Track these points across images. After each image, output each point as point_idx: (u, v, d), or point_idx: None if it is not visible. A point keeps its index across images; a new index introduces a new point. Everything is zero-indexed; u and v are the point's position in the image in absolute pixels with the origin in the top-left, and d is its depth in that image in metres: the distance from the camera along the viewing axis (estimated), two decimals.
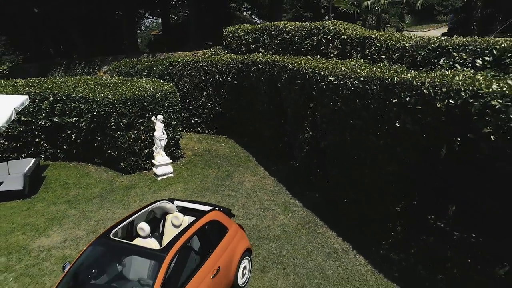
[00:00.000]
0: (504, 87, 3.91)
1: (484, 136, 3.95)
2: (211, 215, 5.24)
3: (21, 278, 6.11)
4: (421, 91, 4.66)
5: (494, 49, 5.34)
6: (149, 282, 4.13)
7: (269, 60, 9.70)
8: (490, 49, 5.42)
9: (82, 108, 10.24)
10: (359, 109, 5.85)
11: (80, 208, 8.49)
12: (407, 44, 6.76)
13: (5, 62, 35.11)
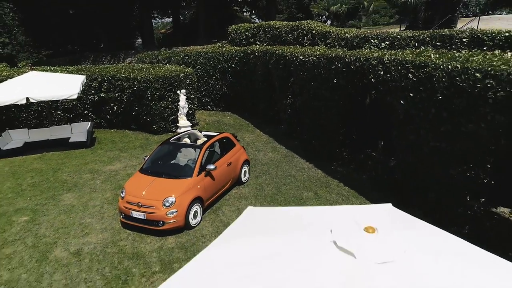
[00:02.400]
0: (387, 57, 7.72)
1: (372, 83, 7.81)
2: (225, 134, 9.17)
3: (105, 182, 9.99)
4: (344, 60, 8.53)
5: (390, 37, 9.24)
6: (195, 160, 7.98)
7: (263, 49, 13.59)
8: (389, 37, 9.31)
9: (124, 85, 14.10)
10: (316, 75, 9.71)
11: (129, 152, 12.36)
12: (348, 35, 10.71)
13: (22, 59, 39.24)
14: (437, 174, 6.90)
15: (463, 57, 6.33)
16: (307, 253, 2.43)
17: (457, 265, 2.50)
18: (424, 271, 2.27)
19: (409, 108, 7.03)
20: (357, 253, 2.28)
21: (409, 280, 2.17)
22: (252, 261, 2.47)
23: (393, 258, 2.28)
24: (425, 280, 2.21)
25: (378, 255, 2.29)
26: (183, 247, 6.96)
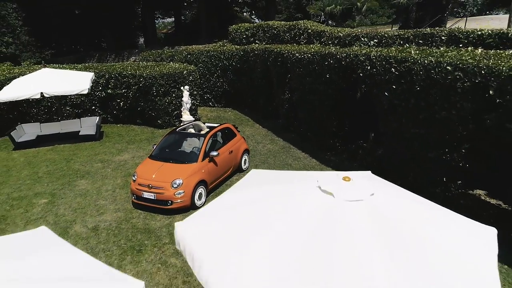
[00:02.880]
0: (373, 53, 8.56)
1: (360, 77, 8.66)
2: (226, 125, 10.02)
3: (115, 170, 10.84)
4: (336, 57, 9.39)
5: (378, 36, 10.09)
6: (199, 147, 8.83)
7: (262, 48, 14.45)
8: (377, 36, 10.17)
9: (131, 82, 14.95)
10: (310, 71, 10.56)
11: (136, 144, 13.21)
12: (341, 34, 11.58)
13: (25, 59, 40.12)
14: (417, 158, 7.75)
15: (438, 52, 7.19)
16: (297, 195, 3.27)
17: (416, 207, 3.34)
18: (386, 208, 3.10)
19: (392, 99, 7.88)
20: (335, 193, 3.11)
21: (372, 213, 3.00)
22: (252, 201, 3.31)
23: (362, 198, 3.11)
24: (385, 214, 3.03)
25: (351, 195, 3.11)
26: None
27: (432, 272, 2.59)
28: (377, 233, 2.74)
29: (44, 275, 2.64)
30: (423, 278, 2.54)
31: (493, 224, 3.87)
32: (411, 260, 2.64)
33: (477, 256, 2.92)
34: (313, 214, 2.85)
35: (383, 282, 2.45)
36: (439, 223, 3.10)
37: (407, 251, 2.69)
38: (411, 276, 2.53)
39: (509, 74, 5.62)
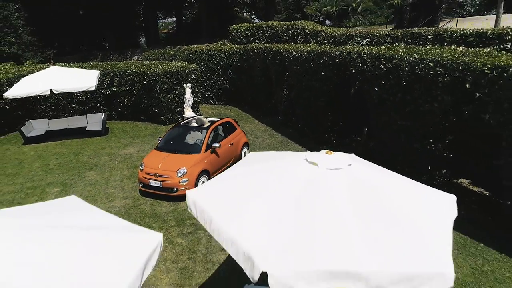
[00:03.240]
0: (364, 51, 9.20)
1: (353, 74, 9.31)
2: (227, 119, 10.68)
3: (122, 162, 11.49)
4: (330, 55, 10.04)
5: (370, 35, 10.75)
6: (202, 139, 9.49)
7: (261, 47, 15.10)
8: (369, 35, 10.83)
9: (135, 80, 15.61)
10: (307, 68, 11.22)
11: (140, 139, 13.87)
12: (336, 34, 12.24)
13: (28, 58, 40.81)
14: (404, 149, 8.40)
15: (423, 50, 7.84)
16: (288, 166, 3.94)
17: (387, 176, 3.99)
18: (360, 175, 3.75)
19: (381, 94, 8.54)
20: (319, 163, 3.77)
21: (348, 178, 3.64)
22: (251, 172, 3.97)
23: (340, 167, 3.77)
24: (360, 179, 3.68)
25: (331, 164, 3.78)
26: None
27: (396, 225, 3.24)
28: (352, 194, 3.39)
29: (77, 223, 3.30)
30: (389, 230, 3.19)
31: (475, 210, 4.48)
32: (380, 216, 3.29)
33: (436, 215, 3.58)
34: (300, 179, 3.51)
35: (356, 232, 3.10)
36: (405, 188, 3.76)
37: (377, 209, 3.34)
38: (380, 229, 3.18)
39: (483, 69, 6.27)
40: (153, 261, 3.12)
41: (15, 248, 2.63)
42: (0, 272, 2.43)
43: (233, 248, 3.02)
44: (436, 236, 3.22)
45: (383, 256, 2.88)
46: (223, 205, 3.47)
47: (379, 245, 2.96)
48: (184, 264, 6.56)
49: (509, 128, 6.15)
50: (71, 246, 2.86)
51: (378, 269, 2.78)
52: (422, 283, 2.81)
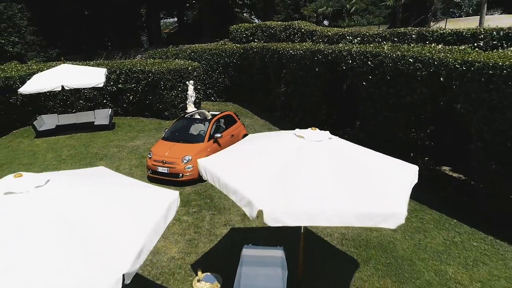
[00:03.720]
0: (354, 49, 10.12)
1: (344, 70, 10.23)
2: (228, 112, 11.60)
3: (130, 153, 12.40)
4: (324, 53, 10.97)
5: (361, 34, 11.68)
6: (205, 130, 10.40)
7: (260, 46, 16.03)
8: (360, 34, 11.76)
9: (140, 77, 16.52)
10: (303, 65, 12.14)
11: (146, 133, 14.78)
12: (330, 33, 13.17)
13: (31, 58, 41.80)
14: (389, 138, 9.31)
15: (405, 48, 8.77)
16: (281, 139, 4.85)
17: (360, 148, 4.90)
18: (338, 146, 4.65)
19: (368, 88, 9.45)
20: (305, 136, 4.68)
21: (328, 148, 4.55)
22: (249, 145, 4.89)
23: (322, 139, 4.68)
24: (337, 149, 4.58)
25: (315, 138, 4.68)
26: (197, 192, 9.38)
27: (364, 180, 4.15)
28: (330, 158, 4.30)
29: (115, 181, 4.21)
30: (358, 182, 4.09)
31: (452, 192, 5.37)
32: (351, 173, 4.20)
33: (398, 175, 4.49)
34: (290, 147, 4.44)
35: (331, 183, 4.00)
36: (375, 156, 4.68)
37: (349, 168, 4.25)
38: (350, 182, 4.08)
39: (454, 64, 7.19)
40: (173, 209, 4.04)
41: (81, 197, 3.55)
42: (79, 207, 3.36)
43: (236, 196, 3.93)
44: (395, 189, 4.12)
45: (352, 200, 3.79)
46: (227, 167, 4.39)
47: (349, 193, 3.87)
48: (191, 237, 7.47)
49: (476, 116, 7.07)
50: (116, 197, 3.79)
51: (348, 209, 3.69)
52: (382, 220, 3.71)
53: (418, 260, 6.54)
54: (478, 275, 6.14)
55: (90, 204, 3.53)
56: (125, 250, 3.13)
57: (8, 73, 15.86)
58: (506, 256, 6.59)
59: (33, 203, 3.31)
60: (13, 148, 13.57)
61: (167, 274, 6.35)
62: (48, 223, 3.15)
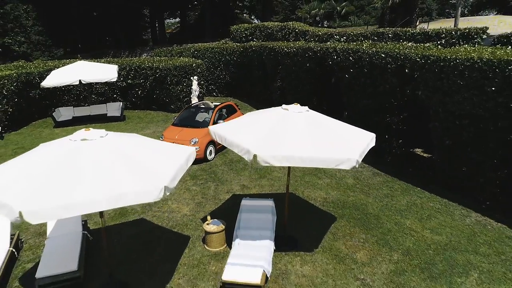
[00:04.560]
0: (338, 47, 11.77)
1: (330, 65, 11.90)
2: (229, 102, 13.27)
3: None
4: (313, 50, 12.64)
5: (347, 34, 13.36)
6: (209, 117, 12.07)
7: (258, 44, 17.69)
8: (346, 34, 13.43)
9: (148, 73, 18.19)
10: (295, 61, 13.80)
11: (154, 123, 16.44)
12: (320, 33, 14.84)
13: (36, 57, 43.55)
14: (367, 123, 10.95)
15: (380, 45, 10.43)
16: (271, 111, 6.51)
17: (327, 117, 6.56)
18: (311, 115, 6.31)
19: (350, 79, 11.12)
20: (289, 109, 6.34)
21: (305, 117, 6.20)
22: (248, 117, 6.56)
23: (302, 111, 6.34)
24: (312, 117, 6.24)
25: (296, 110, 6.34)
26: (203, 169, 11.03)
27: (331, 137, 5.80)
28: (307, 122, 5.96)
29: (144, 138, 5.87)
30: (326, 138, 5.74)
31: (420, 168, 7.04)
32: (322, 133, 5.85)
33: (358, 136, 6.14)
34: (278, 116, 6.12)
35: (306, 138, 5.65)
36: (342, 124, 6.35)
37: (320, 129, 5.90)
38: (321, 138, 5.73)
39: (415, 58, 8.86)
40: (192, 156, 5.70)
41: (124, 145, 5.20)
42: (129, 147, 5.02)
43: (238, 148, 5.60)
44: (352, 144, 5.78)
45: (320, 150, 5.44)
46: (231, 130, 6.07)
47: (318, 145, 5.53)
48: (199, 201, 9.12)
49: (433, 100, 8.73)
50: (153, 145, 5.46)
51: (316, 155, 5.35)
52: (340, 163, 5.35)
53: (383, 216, 8.20)
54: (429, 225, 7.80)
55: (136, 147, 5.21)
56: (163, 173, 4.80)
57: (28, 69, 17.51)
58: (454, 213, 8.24)
59: (99, 145, 4.99)
60: (36, 136, 15.23)
61: (181, 225, 8.00)
62: (110, 155, 4.82)
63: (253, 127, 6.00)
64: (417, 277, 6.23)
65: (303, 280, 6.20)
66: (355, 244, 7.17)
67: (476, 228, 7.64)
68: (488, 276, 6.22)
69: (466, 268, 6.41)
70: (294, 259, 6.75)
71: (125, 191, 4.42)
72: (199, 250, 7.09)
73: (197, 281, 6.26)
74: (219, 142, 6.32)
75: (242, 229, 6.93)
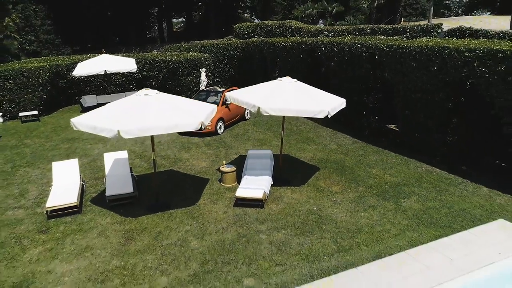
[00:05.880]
0: (326, 40, 14.47)
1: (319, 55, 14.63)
2: (234, 87, 16.01)
3: None
4: (306, 43, 15.37)
5: (334, 30, 16.11)
6: (218, 99, 14.81)
7: (259, 40, 20.43)
8: (334, 30, 16.19)
9: (161, 66, 20.90)
10: (291, 54, 16.54)
11: None
12: (312, 29, 17.61)
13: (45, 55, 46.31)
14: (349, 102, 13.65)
15: (358, 38, 13.16)
16: (269, 82, 9.26)
17: (316, 89, 9.27)
18: (301, 85, 9.02)
19: (335, 67, 13.84)
20: (283, 80, 9.07)
21: (295, 86, 8.91)
22: (253, 87, 9.32)
23: (292, 81, 9.07)
24: (300, 86, 8.96)
25: (289, 81, 9.07)
26: (215, 140, 13.74)
27: (311, 98, 8.51)
28: (295, 88, 8.68)
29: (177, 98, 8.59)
30: (308, 98, 8.45)
31: (392, 139, 9.81)
32: (305, 95, 8.55)
33: (332, 99, 8.86)
34: (274, 84, 8.85)
35: (293, 97, 8.34)
36: (320, 92, 9.09)
37: (304, 93, 8.60)
38: (304, 98, 8.44)
39: (382, 47, 11.58)
40: (215, 110, 8.42)
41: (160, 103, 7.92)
42: (174, 100, 7.76)
43: (247, 104, 8.31)
44: (326, 102, 8.48)
45: (303, 104, 8.15)
46: (242, 93, 8.80)
47: (302, 102, 8.23)
48: (213, 159, 11.82)
49: (395, 80, 11.44)
50: (188, 101, 8.18)
51: (300, 108, 8.06)
52: (317, 113, 8.06)
53: (356, 167, 10.90)
54: (389, 172, 10.49)
55: (179, 100, 7.95)
56: (199, 114, 7.53)
57: (57, 62, 20.23)
58: (410, 165, 10.94)
59: (156, 97, 7.71)
60: (67, 118, 17.84)
61: (202, 173, 10.71)
62: (164, 103, 7.54)
63: (257, 91, 8.74)
64: (373, 199, 8.94)
65: (293, 201, 8.90)
66: (332, 182, 9.88)
67: (424, 173, 10.35)
68: (424, 198, 8.92)
69: (409, 194, 9.12)
70: (286, 190, 9.45)
71: (177, 123, 7.15)
72: (216, 186, 9.80)
73: (217, 201, 8.96)
74: (234, 103, 9.02)
75: (249, 170, 9.64)
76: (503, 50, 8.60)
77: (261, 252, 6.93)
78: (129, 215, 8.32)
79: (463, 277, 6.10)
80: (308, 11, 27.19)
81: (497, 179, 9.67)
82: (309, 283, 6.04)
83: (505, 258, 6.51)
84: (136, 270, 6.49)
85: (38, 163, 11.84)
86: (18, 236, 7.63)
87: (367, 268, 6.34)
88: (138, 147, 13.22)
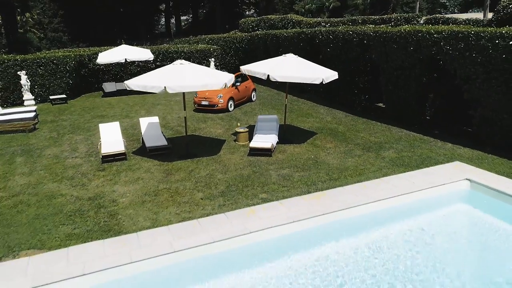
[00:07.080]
0: (322, 30, 16.86)
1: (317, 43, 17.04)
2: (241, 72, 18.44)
3: (176, 103, 19.14)
4: (305, 33, 17.78)
5: (330, 22, 18.54)
6: None
7: (263, 33, 22.84)
8: (330, 22, 18.63)
9: (174, 56, 23.29)
10: (292, 43, 18.94)
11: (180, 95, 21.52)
12: (311, 22, 20.04)
13: None
14: (343, 83, 16.07)
15: (350, 27, 15.57)
16: (276, 57, 11.67)
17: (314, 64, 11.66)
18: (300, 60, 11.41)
19: (331, 52, 16.24)
20: (287, 55, 11.48)
21: (296, 59, 11.30)
22: (263, 61, 11.73)
23: (294, 56, 11.47)
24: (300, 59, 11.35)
25: (292, 55, 11.48)
26: (227, 115, 16.12)
27: (310, 70, 10.89)
28: (297, 62, 11.07)
29: None
30: (308, 70, 10.83)
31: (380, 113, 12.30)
32: (305, 67, 10.94)
33: (327, 72, 11.25)
34: (280, 59, 11.27)
35: (295, 69, 10.72)
36: (317, 66, 11.49)
37: (305, 66, 10.99)
38: (305, 69, 10.82)
39: (370, 33, 13.99)
40: (233, 78, 10.81)
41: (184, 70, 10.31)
42: (203, 68, 10.17)
43: (258, 73, 10.70)
44: (321, 73, 10.86)
45: (303, 73, 10.54)
46: (254, 65, 11.19)
47: (303, 71, 10.62)
48: (227, 127, 14.20)
49: (381, 60, 13.84)
50: (212, 70, 10.57)
51: (300, 75, 10.45)
52: (314, 80, 10.45)
53: (347, 132, 13.26)
54: (374, 136, 12.85)
55: (206, 68, 10.34)
56: (223, 77, 9.92)
57: (79, 52, 22.63)
58: (392, 130, 13.30)
59: (189, 66, 10.10)
60: (91, 102, 20.30)
61: (218, 136, 13.09)
62: (196, 69, 9.93)
63: (267, 64, 11.15)
64: (359, 151, 11.32)
65: (295, 152, 11.28)
66: (326, 142, 12.26)
67: (403, 136, 12.73)
68: (400, 150, 11.31)
69: (388, 148, 11.50)
70: (289, 146, 11.83)
71: (207, 83, 9.54)
72: (232, 144, 12.19)
73: (234, 153, 11.34)
74: (247, 74, 11.40)
75: (259, 130, 12.03)
76: (463, 31, 11.01)
77: (271, 180, 9.31)
78: (166, 161, 10.69)
79: (418, 192, 8.47)
80: (307, 6, 29.68)
81: (462, 139, 12.05)
82: (307, 194, 8.40)
83: (453, 182, 8.88)
84: (179, 189, 8.86)
85: (78, 132, 14.21)
86: (83, 173, 10.01)
87: (351, 187, 8.72)
88: (161, 120, 15.59)
